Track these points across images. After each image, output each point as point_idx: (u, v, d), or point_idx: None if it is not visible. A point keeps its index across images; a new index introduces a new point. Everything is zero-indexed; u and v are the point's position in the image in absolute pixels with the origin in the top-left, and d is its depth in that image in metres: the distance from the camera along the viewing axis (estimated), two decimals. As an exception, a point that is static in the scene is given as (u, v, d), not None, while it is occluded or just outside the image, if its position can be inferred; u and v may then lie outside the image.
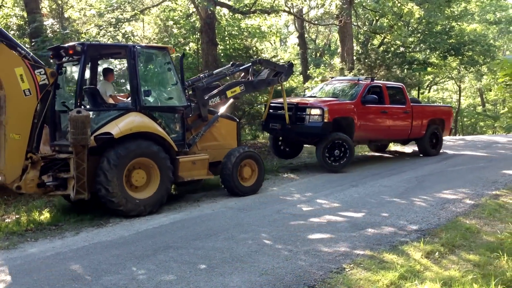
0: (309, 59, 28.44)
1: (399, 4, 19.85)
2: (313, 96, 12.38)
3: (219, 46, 15.80)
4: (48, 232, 6.74)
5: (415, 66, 25.83)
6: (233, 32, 17.30)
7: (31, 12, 11.75)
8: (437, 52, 25.91)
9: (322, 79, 18.99)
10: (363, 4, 21.43)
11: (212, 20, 14.34)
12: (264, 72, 10.35)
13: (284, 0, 17.49)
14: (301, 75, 26.08)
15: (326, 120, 10.36)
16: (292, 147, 12.38)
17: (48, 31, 11.44)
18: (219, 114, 9.05)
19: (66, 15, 13.78)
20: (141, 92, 7.61)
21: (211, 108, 9.04)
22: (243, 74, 10.25)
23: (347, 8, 18.02)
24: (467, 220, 6.54)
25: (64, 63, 7.88)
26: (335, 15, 18.76)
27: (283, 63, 11.09)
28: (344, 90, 12.12)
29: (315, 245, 5.66)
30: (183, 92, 8.22)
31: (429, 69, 27.92)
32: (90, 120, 6.63)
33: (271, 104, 11.37)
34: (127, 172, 7.30)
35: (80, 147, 6.64)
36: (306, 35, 29.36)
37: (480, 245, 5.52)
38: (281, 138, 12.07)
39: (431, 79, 35.63)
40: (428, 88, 36.48)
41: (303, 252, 5.41)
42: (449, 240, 5.64)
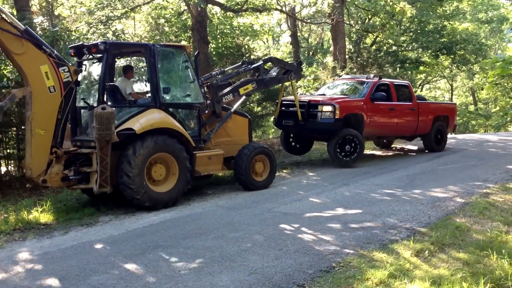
0: (301, 57, 28.42)
1: (391, 3, 19.86)
2: (322, 94, 12.67)
3: (211, 45, 15.75)
4: (37, 232, 6.69)
5: (407, 65, 25.89)
6: (225, 31, 17.23)
7: (20, 9, 11.60)
8: (429, 51, 26.00)
9: (315, 77, 19.01)
10: (355, 3, 21.42)
11: (203, 18, 14.28)
12: (274, 70, 10.62)
13: (276, -1, 17.47)
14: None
15: (337, 117, 10.74)
16: (303, 144, 12.74)
17: (38, 29, 11.31)
18: (232, 111, 9.29)
19: (56, 12, 13.66)
20: (160, 89, 7.87)
21: (224, 105, 9.30)
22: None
23: (339, 6, 18.02)
24: (457, 219, 6.55)
25: (84, 61, 8.12)
26: (327, 14, 18.74)
27: (292, 61, 11.35)
28: (352, 88, 12.44)
29: (305, 243, 5.65)
30: (199, 89, 8.52)
31: (421, 68, 28.00)
32: (114, 116, 6.85)
33: (283, 102, 11.70)
34: (147, 166, 7.54)
35: (104, 142, 6.86)
36: (299, 34, 29.34)
37: (469, 243, 5.52)
38: (292, 135, 12.41)
39: (424, 78, 35.75)
40: (420, 86, 36.59)
41: (293, 251, 5.39)
42: (439, 239, 5.64)
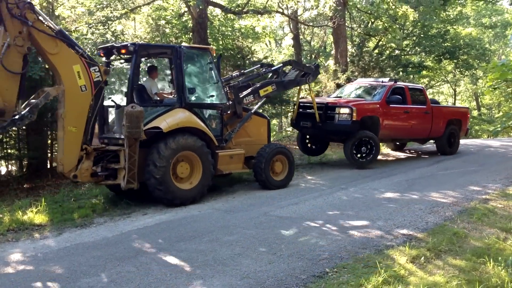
0: (304, 60, 28.36)
1: (393, 7, 19.78)
2: (338, 96, 12.90)
3: (211, 46, 15.69)
4: (31, 233, 6.65)
5: (410, 69, 25.79)
6: (226, 33, 17.19)
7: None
8: (432, 55, 25.89)
9: (316, 80, 18.93)
10: (358, 6, 21.34)
11: (204, 20, 14.25)
12: (291, 73, 10.88)
13: (278, 1, 17.41)
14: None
15: (354, 119, 11.00)
16: (319, 145, 13.00)
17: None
18: (253, 112, 9.50)
19: (56, 13, 13.66)
20: (186, 90, 8.16)
21: (244, 106, 9.53)
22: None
23: (341, 9, 17.95)
24: (455, 225, 6.45)
25: (112, 61, 8.49)
26: (329, 17, 18.68)
27: (310, 64, 11.69)
28: (368, 91, 12.69)
29: (300, 248, 5.57)
30: (223, 90, 8.77)
31: (424, 72, 27.88)
32: (143, 115, 7.13)
33: (300, 104, 11.95)
34: (173, 163, 7.79)
35: (133, 140, 7.12)
36: (301, 37, 29.28)
37: (467, 250, 5.43)
38: (308, 136, 12.65)
39: (427, 82, 35.61)
40: (423, 91, 36.42)
41: (287, 256, 5.31)
42: (435, 245, 5.55)
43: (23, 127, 11.30)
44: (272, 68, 10.57)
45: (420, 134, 13.18)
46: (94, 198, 8.61)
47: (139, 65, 8.61)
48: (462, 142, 19.84)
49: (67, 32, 7.81)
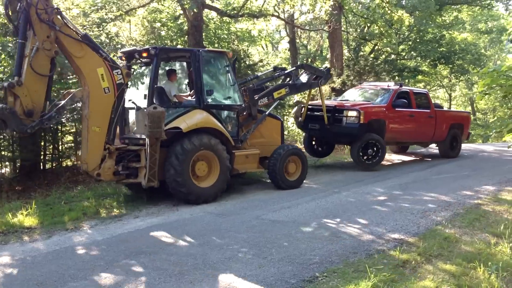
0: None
1: (389, 11, 19.83)
2: (345, 100, 13.06)
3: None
4: (20, 235, 6.59)
5: (405, 73, 25.83)
6: (221, 36, 17.17)
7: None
8: (427, 60, 25.96)
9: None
10: (354, 11, 21.39)
11: (199, 23, 14.25)
12: (303, 76, 11.17)
13: (273, 5, 17.42)
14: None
15: (361, 122, 11.26)
16: (326, 147, 13.28)
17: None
18: (267, 113, 9.77)
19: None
20: (204, 92, 8.44)
21: (259, 107, 9.85)
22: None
23: (337, 14, 17.98)
24: (446, 229, 6.44)
25: (132, 64, 8.82)
26: (325, 21, 18.71)
27: (322, 68, 12.01)
28: (374, 94, 12.90)
29: (291, 252, 5.54)
30: (239, 92, 9.07)
31: (419, 76, 27.94)
32: (165, 115, 7.37)
33: (309, 106, 12.13)
34: (192, 163, 8.05)
35: (154, 140, 7.39)
36: (298, 41, 29.32)
37: (457, 254, 5.41)
38: (314, 138, 12.92)
39: (422, 87, 35.69)
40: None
41: (277, 260, 5.29)
42: (426, 249, 5.54)
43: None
44: (285, 72, 10.87)
45: (424, 137, 13.40)
46: (86, 200, 8.55)
47: (159, 68, 8.80)
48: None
49: None
